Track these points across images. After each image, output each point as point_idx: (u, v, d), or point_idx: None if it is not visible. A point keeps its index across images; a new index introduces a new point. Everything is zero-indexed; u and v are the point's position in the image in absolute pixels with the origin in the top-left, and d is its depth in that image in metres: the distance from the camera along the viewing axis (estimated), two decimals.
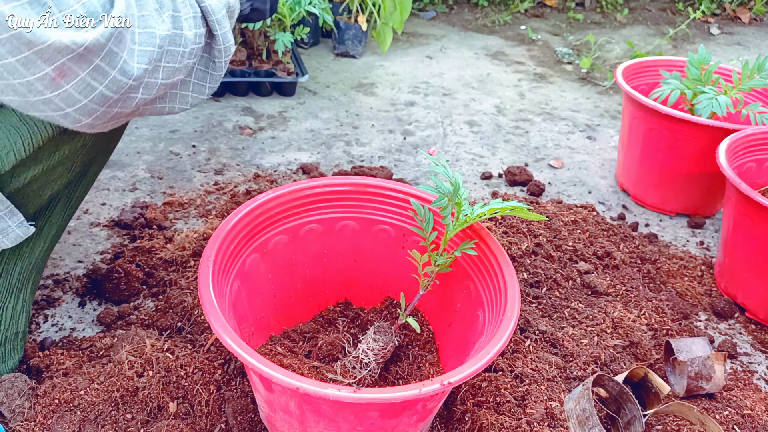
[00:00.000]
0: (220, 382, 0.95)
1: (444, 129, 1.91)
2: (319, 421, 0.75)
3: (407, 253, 1.00)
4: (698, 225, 1.54)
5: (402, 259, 1.00)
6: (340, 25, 2.28)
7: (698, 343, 1.05)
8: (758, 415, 1.02)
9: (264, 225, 0.93)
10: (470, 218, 0.85)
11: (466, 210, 0.86)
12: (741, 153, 1.35)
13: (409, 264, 1.01)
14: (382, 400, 0.68)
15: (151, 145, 1.65)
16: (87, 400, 0.89)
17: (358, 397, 0.66)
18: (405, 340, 1.00)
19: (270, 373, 0.67)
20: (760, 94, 1.63)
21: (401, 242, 1.01)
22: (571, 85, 2.32)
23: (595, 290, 1.24)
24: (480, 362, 0.72)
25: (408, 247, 1.00)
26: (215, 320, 0.73)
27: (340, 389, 0.66)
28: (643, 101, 1.47)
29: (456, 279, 0.96)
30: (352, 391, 0.66)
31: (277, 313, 1.00)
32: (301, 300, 1.03)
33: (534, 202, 1.51)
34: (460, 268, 0.94)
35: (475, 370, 0.71)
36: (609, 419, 0.97)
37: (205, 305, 0.75)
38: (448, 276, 0.97)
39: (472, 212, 0.85)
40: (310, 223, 0.98)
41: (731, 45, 2.87)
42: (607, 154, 1.85)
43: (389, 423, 0.76)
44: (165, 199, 1.43)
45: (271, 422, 0.85)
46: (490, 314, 0.86)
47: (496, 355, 0.73)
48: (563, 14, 3.07)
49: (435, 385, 0.69)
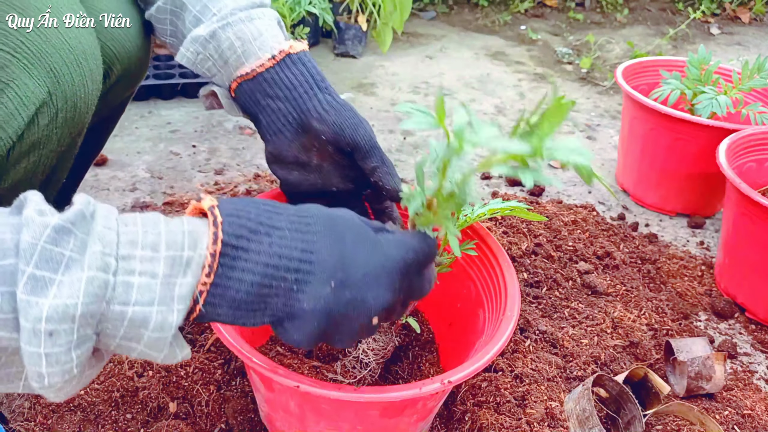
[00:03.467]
0: (220, 382, 0.95)
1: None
2: (320, 421, 0.75)
3: None
4: (698, 225, 1.54)
5: None
6: (340, 25, 2.28)
7: (698, 343, 1.05)
8: (758, 415, 1.01)
9: None
10: (470, 218, 0.85)
11: (466, 210, 0.86)
12: (741, 153, 1.35)
13: None
14: (382, 400, 0.68)
15: (151, 145, 1.65)
16: (87, 400, 0.89)
17: (358, 396, 0.66)
18: (405, 340, 1.00)
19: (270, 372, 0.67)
20: (760, 94, 1.63)
21: None
22: (571, 85, 2.32)
23: (595, 290, 1.24)
24: (480, 362, 0.72)
25: None
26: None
27: (341, 388, 0.66)
28: (643, 101, 1.47)
29: (456, 279, 0.96)
30: (352, 391, 0.66)
31: None
32: None
33: (534, 202, 1.51)
34: (461, 268, 0.94)
35: (475, 369, 0.71)
36: (609, 419, 0.97)
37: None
38: (449, 276, 0.97)
39: (472, 212, 0.85)
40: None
41: (731, 45, 2.87)
42: (607, 154, 1.85)
43: (390, 422, 0.76)
44: (165, 199, 1.43)
45: (271, 422, 0.85)
46: (490, 314, 0.86)
47: (496, 354, 0.73)
48: (563, 14, 3.07)
49: (435, 384, 0.69)
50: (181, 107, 1.86)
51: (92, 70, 0.73)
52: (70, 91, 0.70)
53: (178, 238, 0.51)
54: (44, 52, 0.66)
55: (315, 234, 0.56)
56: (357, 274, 0.56)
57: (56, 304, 0.44)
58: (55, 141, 0.74)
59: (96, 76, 0.75)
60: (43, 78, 0.66)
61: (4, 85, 0.63)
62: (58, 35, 0.68)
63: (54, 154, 0.75)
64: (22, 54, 0.65)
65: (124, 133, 1.69)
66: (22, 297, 0.44)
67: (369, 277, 0.56)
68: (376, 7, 2.18)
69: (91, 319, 0.47)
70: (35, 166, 0.74)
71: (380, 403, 0.72)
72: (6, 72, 0.63)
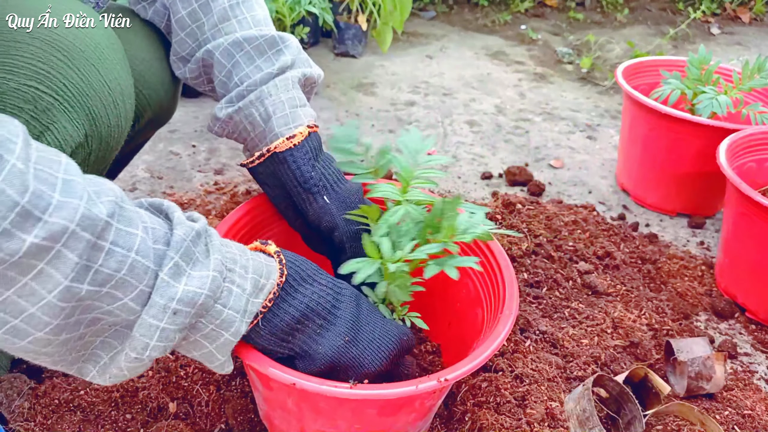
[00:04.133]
0: (220, 382, 0.95)
1: (444, 129, 1.91)
2: (317, 419, 0.75)
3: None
4: (698, 225, 1.54)
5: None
6: (340, 24, 2.28)
7: (698, 343, 1.05)
8: (758, 416, 1.01)
9: (264, 223, 0.93)
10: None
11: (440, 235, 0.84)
12: (741, 153, 1.35)
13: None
14: (378, 397, 0.68)
15: (150, 144, 1.65)
16: (87, 400, 0.89)
17: (354, 393, 0.67)
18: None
19: (268, 370, 0.67)
20: (761, 94, 1.63)
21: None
22: (572, 85, 2.32)
23: (595, 290, 1.24)
24: (477, 359, 0.72)
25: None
26: None
27: (337, 386, 0.67)
28: (643, 101, 1.46)
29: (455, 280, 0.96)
30: (348, 387, 0.67)
31: None
32: None
33: (534, 202, 1.51)
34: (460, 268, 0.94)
35: (472, 367, 0.71)
36: (609, 419, 0.97)
37: None
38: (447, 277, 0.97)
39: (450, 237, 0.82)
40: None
41: (731, 45, 2.87)
42: (607, 154, 1.85)
43: (387, 421, 0.76)
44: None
45: (270, 420, 0.85)
46: (488, 313, 0.86)
47: (493, 352, 0.73)
48: (563, 14, 3.07)
49: (432, 382, 0.69)
50: (180, 107, 1.86)
51: (127, 110, 0.76)
52: (106, 132, 0.72)
53: (260, 266, 0.65)
54: (85, 94, 0.68)
55: (344, 297, 0.72)
56: (365, 339, 0.72)
57: (187, 290, 0.56)
58: None
59: (129, 115, 0.77)
60: (81, 121, 0.68)
61: (44, 128, 0.64)
62: (98, 77, 0.69)
63: None
64: (63, 97, 0.66)
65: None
66: (164, 278, 0.55)
67: (372, 344, 0.72)
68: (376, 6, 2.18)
69: (203, 309, 0.59)
70: None
71: (377, 401, 0.72)
72: (48, 115, 0.65)
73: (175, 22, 0.88)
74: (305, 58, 0.89)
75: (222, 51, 0.85)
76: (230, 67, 0.85)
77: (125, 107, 0.75)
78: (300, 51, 0.88)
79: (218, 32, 0.86)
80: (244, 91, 0.84)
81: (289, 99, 0.83)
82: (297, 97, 0.84)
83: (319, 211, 0.83)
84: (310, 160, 0.82)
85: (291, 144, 0.82)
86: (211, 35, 0.86)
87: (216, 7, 0.86)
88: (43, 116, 0.64)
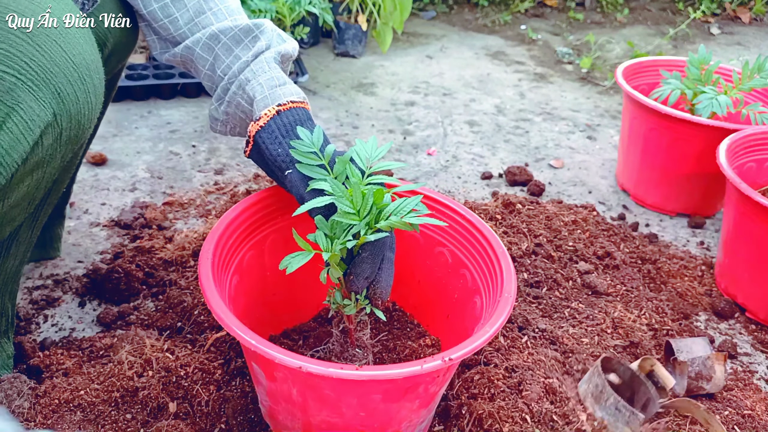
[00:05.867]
0: (220, 382, 0.95)
1: (444, 129, 1.91)
2: (322, 409, 0.76)
3: (408, 252, 1.00)
4: (698, 225, 1.54)
5: (404, 258, 1.00)
6: (340, 25, 2.28)
7: (698, 343, 1.05)
8: (758, 415, 1.02)
9: (262, 221, 0.94)
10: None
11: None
12: (741, 153, 1.35)
13: (411, 261, 1.01)
14: (384, 377, 0.69)
15: (151, 145, 1.65)
16: (87, 400, 0.89)
17: (360, 374, 0.67)
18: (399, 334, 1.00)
19: (272, 354, 0.67)
20: (760, 94, 1.63)
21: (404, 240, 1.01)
22: (572, 85, 2.32)
23: (595, 290, 1.24)
24: (480, 339, 0.73)
25: (409, 244, 1.00)
26: (215, 304, 0.73)
27: (343, 367, 0.67)
28: (643, 101, 1.46)
29: (451, 269, 0.96)
30: (354, 369, 0.67)
31: (277, 311, 1.00)
32: (300, 299, 1.03)
33: (534, 202, 1.51)
34: (455, 257, 0.95)
35: (477, 346, 0.72)
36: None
37: (206, 290, 0.75)
38: (444, 267, 0.97)
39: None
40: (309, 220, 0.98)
41: (731, 45, 2.87)
42: (607, 154, 1.85)
43: (392, 407, 0.76)
44: (165, 199, 1.43)
45: (273, 416, 0.85)
46: (487, 299, 0.87)
47: (497, 331, 0.75)
48: (563, 14, 3.07)
49: (437, 361, 0.69)
50: (180, 107, 1.86)
51: (95, 85, 0.74)
52: (75, 110, 0.70)
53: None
54: (49, 72, 0.66)
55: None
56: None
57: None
58: (59, 158, 0.73)
59: (99, 91, 0.75)
60: (48, 100, 0.66)
61: (9, 109, 0.63)
62: (61, 53, 0.67)
63: (56, 170, 0.75)
64: (26, 76, 0.64)
65: (124, 133, 1.69)
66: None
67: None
68: (376, 6, 2.18)
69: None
70: (38, 183, 0.74)
71: (382, 384, 0.72)
72: (11, 96, 0.63)
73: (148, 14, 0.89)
74: (278, 34, 0.90)
75: (202, 46, 0.87)
76: (212, 60, 0.87)
77: (93, 82, 0.73)
78: (274, 31, 0.90)
79: (195, 26, 0.87)
80: (227, 84, 0.87)
81: (267, 80, 0.85)
82: (275, 77, 0.85)
83: (288, 185, 0.84)
84: (276, 138, 0.83)
85: (258, 126, 0.83)
86: (188, 30, 0.88)
87: (189, 1, 0.87)
88: (6, 97, 0.62)
